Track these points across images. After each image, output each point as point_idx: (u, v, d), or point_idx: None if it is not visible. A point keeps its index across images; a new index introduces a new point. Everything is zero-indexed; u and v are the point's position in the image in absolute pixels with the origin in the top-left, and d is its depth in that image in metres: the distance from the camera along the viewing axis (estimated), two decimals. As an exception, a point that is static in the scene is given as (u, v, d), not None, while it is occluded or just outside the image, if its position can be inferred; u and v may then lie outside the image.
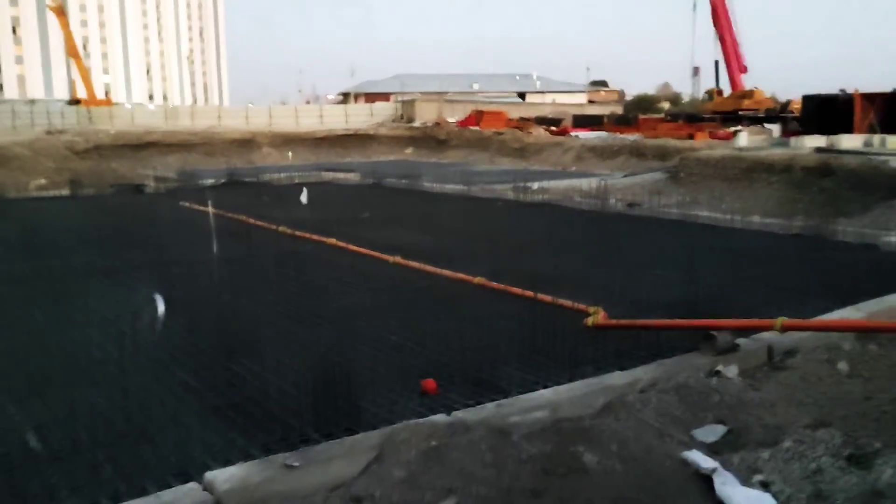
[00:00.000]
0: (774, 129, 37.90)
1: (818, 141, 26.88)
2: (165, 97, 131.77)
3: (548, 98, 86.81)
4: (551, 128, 49.22)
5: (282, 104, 79.10)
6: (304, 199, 16.38)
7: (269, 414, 5.45)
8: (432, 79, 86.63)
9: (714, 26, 50.13)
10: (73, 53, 68.13)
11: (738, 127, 38.76)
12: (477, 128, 49.00)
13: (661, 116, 55.01)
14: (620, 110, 66.85)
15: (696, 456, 4.51)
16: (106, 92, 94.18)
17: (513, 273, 9.62)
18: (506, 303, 8.57)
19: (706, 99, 56.57)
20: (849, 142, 26.72)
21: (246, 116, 59.50)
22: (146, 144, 41.71)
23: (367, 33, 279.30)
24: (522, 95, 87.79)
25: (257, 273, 10.59)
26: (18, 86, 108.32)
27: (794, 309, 7.60)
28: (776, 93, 56.00)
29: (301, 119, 59.13)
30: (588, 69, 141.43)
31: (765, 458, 4.54)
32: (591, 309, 7.71)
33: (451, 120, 55.26)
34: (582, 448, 4.38)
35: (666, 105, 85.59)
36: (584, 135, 42.20)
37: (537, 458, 4.32)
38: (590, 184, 19.96)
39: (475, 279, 9.52)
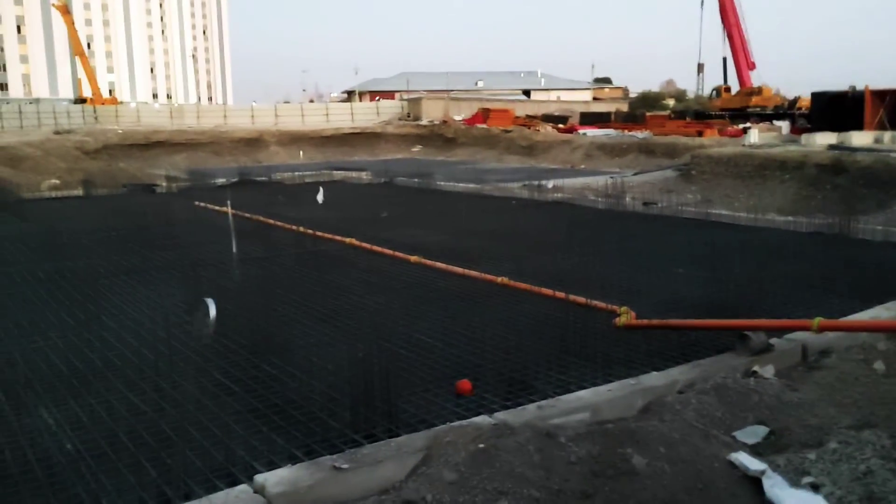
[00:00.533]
0: (783, 127, 37.84)
1: (828, 138, 26.81)
2: (169, 95, 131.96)
3: (553, 95, 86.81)
4: (559, 125, 49.16)
5: (285, 103, 79.12)
6: (321, 199, 16.37)
7: (309, 414, 5.45)
8: (437, 76, 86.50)
9: (722, 22, 50.14)
10: (79, 52, 68.31)
11: (748, 124, 38.68)
12: (484, 125, 48.97)
13: (667, 114, 54.90)
14: (625, 107, 66.69)
15: (744, 458, 4.50)
16: (110, 90, 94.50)
17: (535, 272, 9.63)
18: (531, 302, 8.58)
19: (712, 96, 56.39)
20: (859, 139, 26.63)
21: (252, 115, 59.48)
22: (154, 144, 41.87)
23: (372, 31, 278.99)
24: (527, 93, 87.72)
25: (281, 273, 10.59)
26: (23, 85, 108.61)
27: (822, 307, 7.60)
28: (780, 89, 55.92)
29: (307, 117, 59.13)
30: (593, 66, 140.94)
31: (812, 460, 4.53)
32: (621, 309, 7.70)
33: (458, 118, 55.21)
34: (630, 450, 4.37)
35: (671, 102, 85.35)
36: (593, 132, 42.17)
37: (586, 460, 4.31)
38: (605, 182, 19.94)
39: (499, 279, 9.51)
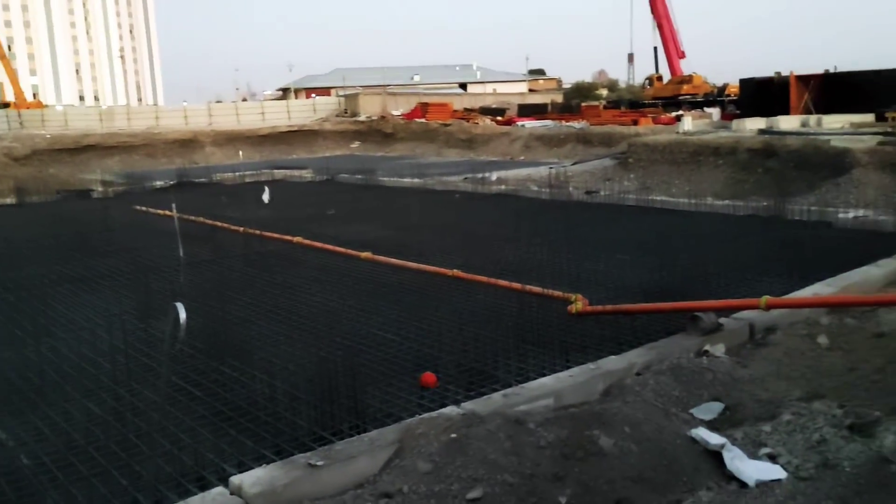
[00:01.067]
0: (714, 113, 38.84)
1: (757, 123, 27.61)
2: (97, 97, 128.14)
3: (489, 88, 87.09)
4: (497, 118, 49.52)
5: (218, 102, 77.71)
6: (266, 199, 16.18)
7: (274, 415, 5.44)
8: (373, 72, 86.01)
9: (652, 13, 51.21)
10: (-1, 55, 65.79)
11: (681, 112, 39.60)
12: (423, 120, 49.00)
13: (601, 104, 55.80)
14: (560, 98, 67.50)
15: (704, 433, 4.68)
16: (34, 94, 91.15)
17: (484, 264, 9.74)
18: (484, 293, 8.67)
19: (645, 85, 57.56)
20: (787, 123, 27.51)
21: (185, 116, 58.15)
22: (85, 148, 40.70)
23: (304, 27, 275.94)
24: (464, 86, 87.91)
25: (230, 275, 10.47)
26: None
27: (765, 286, 7.91)
28: (708, 77, 57.33)
29: (242, 116, 58.13)
30: (528, 58, 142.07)
31: (767, 432, 4.74)
32: (572, 296, 7.85)
33: (396, 113, 55.11)
34: (597, 432, 4.51)
35: (604, 92, 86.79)
36: (531, 124, 42.60)
37: (555, 444, 4.43)
38: (546, 172, 20.18)
39: (451, 272, 9.59)
